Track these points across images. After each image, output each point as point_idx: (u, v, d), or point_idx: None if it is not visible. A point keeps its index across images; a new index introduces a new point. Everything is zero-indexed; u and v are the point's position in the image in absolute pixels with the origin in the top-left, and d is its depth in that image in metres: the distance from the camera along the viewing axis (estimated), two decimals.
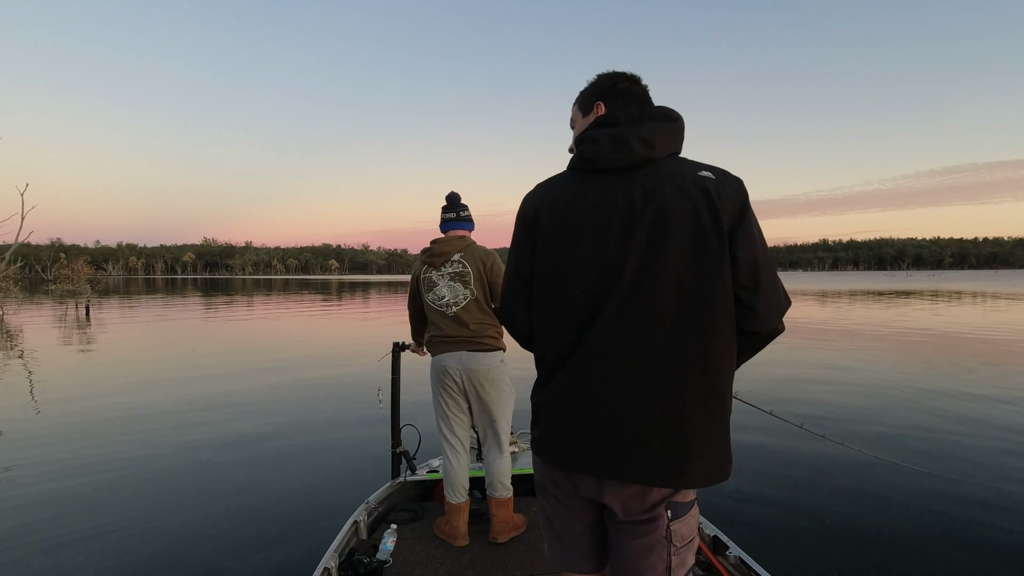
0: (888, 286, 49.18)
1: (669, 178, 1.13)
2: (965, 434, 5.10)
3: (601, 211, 1.16)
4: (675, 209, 1.10)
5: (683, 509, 1.15)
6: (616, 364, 1.12)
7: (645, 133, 1.15)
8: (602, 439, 1.12)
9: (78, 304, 21.78)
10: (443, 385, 2.59)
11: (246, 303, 29.29)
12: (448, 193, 2.75)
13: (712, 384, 1.09)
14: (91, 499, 3.77)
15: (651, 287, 1.10)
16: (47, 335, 13.79)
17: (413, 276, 2.72)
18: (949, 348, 10.71)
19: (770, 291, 1.11)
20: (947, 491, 3.77)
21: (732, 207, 1.11)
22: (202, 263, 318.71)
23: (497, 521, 2.60)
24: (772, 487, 3.91)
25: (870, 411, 5.97)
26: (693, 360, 1.08)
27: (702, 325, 1.08)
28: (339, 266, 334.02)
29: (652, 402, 1.09)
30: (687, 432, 1.08)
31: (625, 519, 1.16)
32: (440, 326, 2.57)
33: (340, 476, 4.16)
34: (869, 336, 12.81)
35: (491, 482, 2.62)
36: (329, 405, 6.45)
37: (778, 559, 2.94)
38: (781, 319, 1.14)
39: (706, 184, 1.11)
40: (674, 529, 1.14)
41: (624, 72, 1.28)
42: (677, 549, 1.14)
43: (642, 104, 1.25)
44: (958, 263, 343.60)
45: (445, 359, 2.55)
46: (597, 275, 1.15)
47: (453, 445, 2.63)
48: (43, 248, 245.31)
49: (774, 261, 1.14)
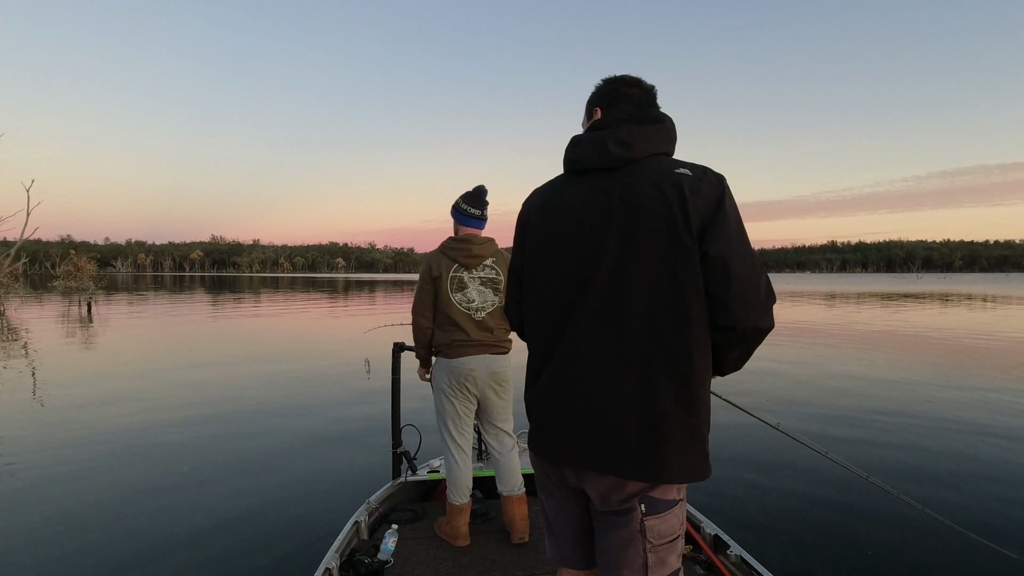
0: (898, 288, 48.72)
1: (647, 177, 1.16)
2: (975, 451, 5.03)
3: (582, 211, 1.21)
4: (648, 207, 1.13)
5: (661, 506, 1.15)
6: (594, 360, 1.16)
7: (623, 134, 1.19)
8: (581, 431, 1.17)
9: (81, 301, 21.84)
10: (463, 388, 2.54)
11: (250, 301, 29.42)
12: (478, 187, 2.62)
13: (685, 380, 1.10)
14: (88, 499, 3.79)
15: (625, 284, 1.14)
16: (46, 332, 13.78)
17: (431, 274, 2.52)
18: (971, 357, 10.59)
19: (745, 285, 1.09)
20: (948, 496, 3.73)
21: (705, 203, 1.11)
22: (210, 261, 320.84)
23: (518, 519, 2.58)
24: (773, 486, 3.88)
25: (885, 422, 5.90)
26: (665, 356, 1.10)
27: (674, 321, 1.10)
28: (345, 264, 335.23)
29: (627, 396, 1.12)
30: (660, 427, 1.10)
31: (603, 510, 1.20)
32: (465, 329, 2.49)
33: (341, 476, 4.16)
34: (896, 341, 12.70)
35: (507, 480, 2.61)
36: (329, 405, 6.45)
37: (779, 558, 2.92)
38: (762, 315, 1.10)
39: (681, 181, 1.12)
40: (649, 524, 1.14)
41: (625, 76, 1.30)
42: (654, 546, 1.14)
43: (638, 107, 1.27)
44: (968, 266, 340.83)
45: (469, 362, 2.49)
46: (575, 273, 1.20)
47: (461, 446, 2.62)
48: (53, 244, 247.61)
49: (754, 256, 1.12)
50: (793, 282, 79.72)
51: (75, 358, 9.86)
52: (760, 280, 1.11)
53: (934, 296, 34.14)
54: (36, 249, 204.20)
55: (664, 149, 1.21)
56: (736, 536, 2.43)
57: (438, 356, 2.58)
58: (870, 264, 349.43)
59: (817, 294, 37.75)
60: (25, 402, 6.53)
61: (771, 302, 1.13)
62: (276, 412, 6.12)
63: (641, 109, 1.26)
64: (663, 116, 1.25)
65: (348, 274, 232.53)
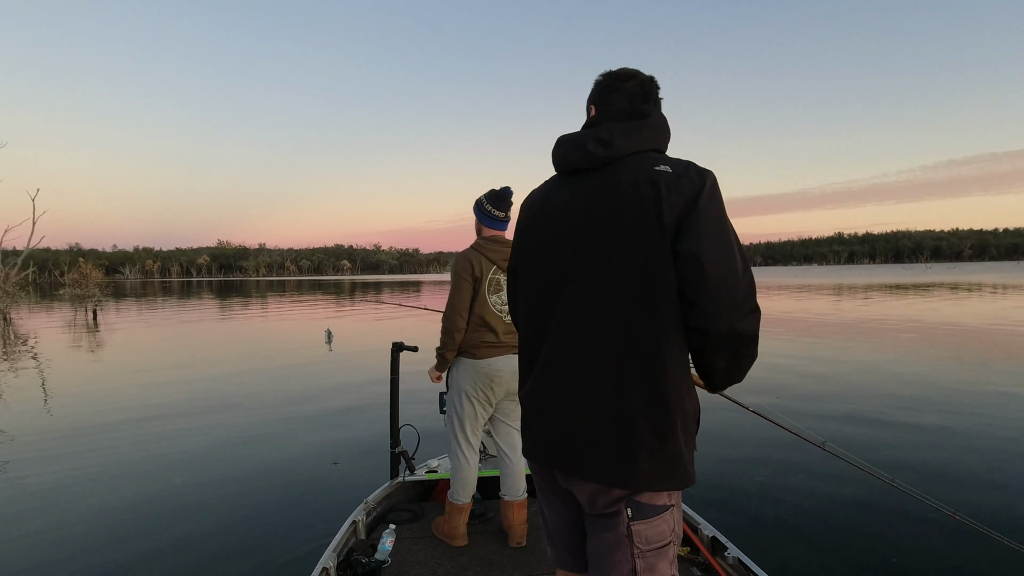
0: (909, 279, 48.20)
1: (626, 175, 1.13)
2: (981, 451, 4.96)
3: (564, 212, 1.20)
4: (625, 207, 1.10)
5: (649, 511, 1.10)
6: (572, 363, 1.14)
7: (603, 132, 1.17)
8: (562, 434, 1.16)
9: (87, 308, 22.02)
10: (488, 389, 2.53)
11: (256, 305, 29.56)
12: (504, 188, 2.59)
13: (657, 383, 1.06)
14: (85, 499, 3.82)
15: (601, 286, 1.12)
16: (51, 340, 13.86)
17: (472, 274, 2.47)
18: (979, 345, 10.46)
19: (719, 283, 1.03)
20: (949, 499, 3.69)
21: (681, 200, 1.06)
22: (217, 265, 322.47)
23: (517, 524, 2.59)
24: (771, 488, 3.86)
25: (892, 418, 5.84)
26: (638, 360, 1.07)
27: (646, 324, 1.07)
28: (351, 266, 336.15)
29: (601, 400, 1.10)
30: (631, 432, 1.07)
31: (591, 512, 1.18)
32: (496, 331, 2.49)
33: (339, 476, 4.17)
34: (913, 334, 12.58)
35: (512, 484, 2.61)
36: (329, 405, 6.47)
37: (777, 560, 2.90)
38: (738, 317, 1.03)
39: (658, 178, 1.08)
40: (636, 529, 1.10)
41: (621, 70, 1.26)
42: (642, 552, 1.11)
43: (630, 101, 1.23)
44: (978, 255, 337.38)
45: (495, 363, 2.49)
46: (556, 274, 1.19)
47: (473, 446, 2.62)
48: (62, 253, 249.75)
49: (732, 254, 1.05)
50: (799, 275, 79.16)
51: (80, 365, 9.93)
52: (737, 279, 1.04)
53: (945, 285, 33.80)
54: (46, 258, 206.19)
55: (651, 145, 1.17)
56: (734, 538, 2.41)
57: (461, 357, 2.54)
58: (878, 255, 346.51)
59: (825, 287, 37.46)
60: (25, 408, 6.59)
61: (750, 303, 1.05)
62: (275, 412, 6.14)
63: (633, 103, 1.23)
64: (649, 111, 1.21)
65: (354, 276, 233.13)
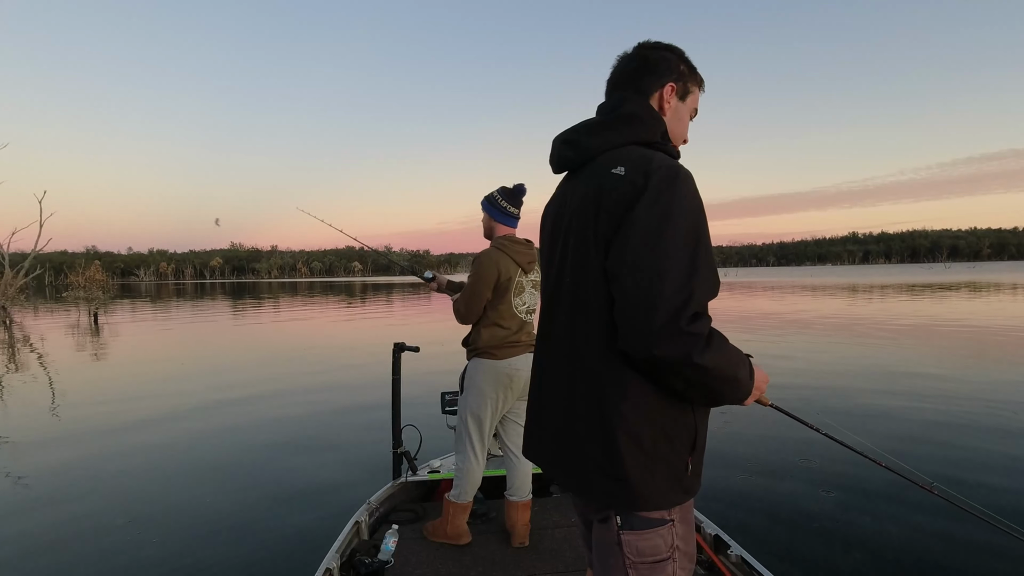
0: (930, 279, 47.25)
1: (586, 179, 1.08)
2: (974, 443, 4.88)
3: (549, 215, 1.21)
4: (577, 213, 1.07)
5: (638, 523, 1.04)
6: (545, 376, 1.17)
7: (570, 133, 1.14)
8: (543, 443, 1.17)
9: (90, 311, 21.93)
10: (509, 387, 2.52)
11: (268, 307, 29.78)
12: (517, 185, 2.54)
13: (596, 400, 1.02)
14: (84, 499, 3.86)
15: (561, 301, 1.12)
16: (49, 345, 13.54)
17: (498, 274, 2.42)
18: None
19: (633, 303, 0.92)
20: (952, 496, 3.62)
21: (619, 207, 0.97)
22: (230, 267, 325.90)
23: (520, 525, 2.58)
24: (774, 486, 3.82)
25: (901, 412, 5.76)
26: (583, 379, 1.05)
27: (587, 342, 1.05)
28: (362, 268, 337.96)
29: (560, 413, 1.11)
30: (577, 446, 1.07)
31: (589, 516, 1.18)
32: (514, 330, 2.49)
33: (341, 477, 4.18)
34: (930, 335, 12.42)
35: (519, 485, 2.60)
36: (330, 406, 6.49)
37: (780, 558, 2.87)
38: (656, 342, 0.89)
39: (604, 183, 1.02)
40: (626, 539, 1.05)
41: (623, 53, 1.18)
42: (634, 563, 1.05)
43: (610, 89, 1.18)
44: (997, 254, 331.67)
45: (516, 362, 2.49)
46: (545, 278, 1.21)
47: (485, 447, 2.62)
48: (78, 255, 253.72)
49: (656, 268, 0.91)
50: (813, 275, 78.31)
51: (77, 369, 9.99)
52: (660, 299, 0.89)
53: (979, 284, 33.21)
54: (62, 260, 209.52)
55: (630, 139, 1.06)
56: (737, 536, 2.40)
57: (481, 357, 2.50)
58: (893, 255, 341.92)
59: (840, 287, 37.00)
60: (24, 412, 6.67)
61: (674, 327, 0.89)
62: (276, 413, 6.17)
63: (610, 93, 1.17)
64: (625, 99, 1.12)
65: (365, 278, 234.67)
